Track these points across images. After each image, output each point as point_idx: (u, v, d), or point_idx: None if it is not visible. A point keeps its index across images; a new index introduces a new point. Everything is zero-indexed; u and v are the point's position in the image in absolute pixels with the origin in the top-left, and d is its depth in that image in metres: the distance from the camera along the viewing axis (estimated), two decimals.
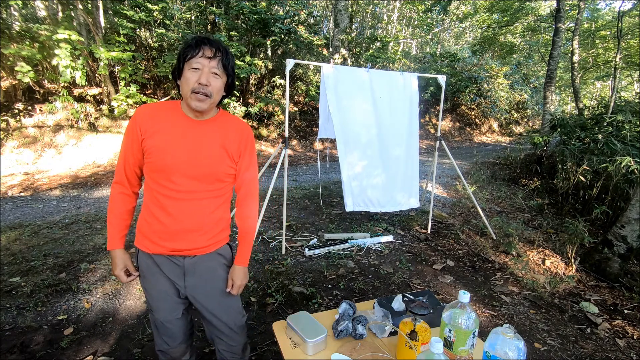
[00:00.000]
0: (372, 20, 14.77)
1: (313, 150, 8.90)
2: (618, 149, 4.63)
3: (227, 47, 1.16)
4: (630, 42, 11.13)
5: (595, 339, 2.27)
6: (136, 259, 1.28)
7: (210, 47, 1.10)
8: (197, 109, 1.13)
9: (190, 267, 1.24)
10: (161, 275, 1.24)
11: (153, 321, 1.31)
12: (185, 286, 1.26)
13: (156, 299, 1.27)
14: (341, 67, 3.17)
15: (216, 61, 1.11)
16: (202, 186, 1.19)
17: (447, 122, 13.21)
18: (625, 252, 2.96)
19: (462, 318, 1.05)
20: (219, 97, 1.17)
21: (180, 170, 1.15)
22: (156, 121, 1.16)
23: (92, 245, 3.33)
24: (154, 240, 1.20)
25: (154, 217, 1.19)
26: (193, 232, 1.20)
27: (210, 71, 1.11)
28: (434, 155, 3.91)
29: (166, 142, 1.14)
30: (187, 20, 9.72)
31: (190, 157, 1.15)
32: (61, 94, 6.55)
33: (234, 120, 1.26)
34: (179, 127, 1.16)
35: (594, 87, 19.92)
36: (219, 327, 1.33)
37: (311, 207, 4.68)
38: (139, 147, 1.17)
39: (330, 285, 2.75)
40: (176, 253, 1.22)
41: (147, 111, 1.18)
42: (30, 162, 6.08)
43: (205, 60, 1.10)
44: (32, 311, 2.31)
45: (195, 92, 1.10)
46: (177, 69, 1.14)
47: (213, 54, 1.10)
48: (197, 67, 1.10)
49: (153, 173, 1.17)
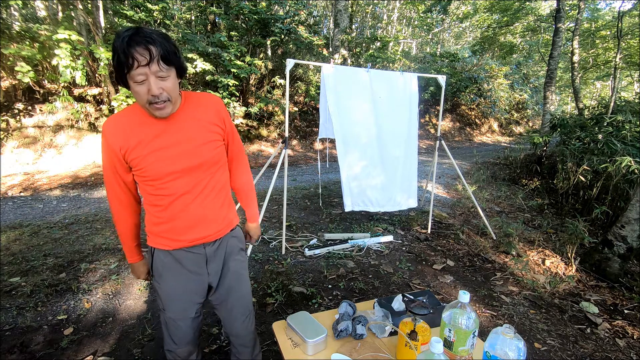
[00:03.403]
0: (372, 20, 14.77)
1: (313, 150, 8.89)
2: (618, 149, 4.63)
3: (157, 33, 0.99)
4: (630, 42, 11.13)
5: (595, 339, 2.27)
6: (150, 258, 1.26)
7: (141, 50, 0.94)
8: (163, 117, 1.08)
9: (212, 253, 1.25)
10: (180, 271, 1.22)
11: (164, 320, 1.28)
12: (208, 273, 1.26)
13: (170, 297, 1.24)
14: (341, 67, 3.17)
15: (156, 63, 0.97)
16: (202, 175, 1.17)
17: (447, 122, 13.21)
18: (625, 252, 2.96)
19: (462, 318, 1.05)
20: (176, 92, 1.08)
21: (177, 171, 1.12)
22: (129, 132, 1.09)
23: (92, 245, 3.33)
24: (170, 236, 1.19)
25: (162, 217, 1.17)
26: (205, 221, 1.20)
27: (156, 77, 0.99)
28: (434, 155, 3.91)
29: (151, 150, 1.09)
30: (187, 20, 9.72)
31: (183, 153, 1.12)
32: (61, 94, 6.55)
33: (202, 97, 1.21)
34: (156, 130, 1.10)
35: (594, 87, 19.92)
36: (233, 317, 1.35)
37: (311, 207, 4.68)
38: (123, 164, 1.12)
39: (330, 285, 2.75)
40: (195, 242, 1.21)
41: (114, 126, 1.10)
42: (30, 162, 6.08)
43: (145, 68, 0.96)
44: (32, 311, 2.31)
45: (152, 102, 1.02)
46: (121, 80, 1.01)
47: (149, 58, 0.96)
48: (140, 79, 0.98)
49: (149, 181, 1.13)
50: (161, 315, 1.30)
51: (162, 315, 1.29)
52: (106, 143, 1.10)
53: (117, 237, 3.53)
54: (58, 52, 5.83)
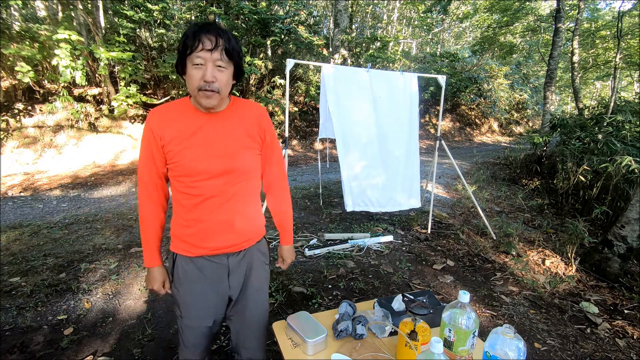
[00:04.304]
0: (372, 20, 14.77)
1: (313, 150, 8.89)
2: (618, 149, 4.63)
3: (228, 31, 1.06)
4: (630, 42, 11.14)
5: (595, 339, 2.27)
6: (171, 264, 1.22)
7: (210, 36, 1.00)
8: (207, 106, 1.08)
9: (235, 264, 1.21)
10: (201, 280, 1.19)
11: (181, 328, 1.24)
12: (230, 286, 1.22)
13: (188, 305, 1.20)
14: (341, 67, 3.17)
15: (219, 52, 1.01)
16: (234, 181, 1.15)
17: (447, 122, 13.21)
18: (625, 252, 2.96)
19: (462, 318, 1.05)
20: (228, 88, 1.10)
21: (210, 171, 1.11)
22: (172, 124, 1.10)
23: (92, 245, 3.33)
24: (194, 242, 1.16)
25: (189, 220, 1.15)
26: (232, 229, 1.17)
27: (214, 65, 1.02)
28: (434, 155, 3.91)
29: (189, 145, 1.09)
30: (187, 20, 9.71)
31: (219, 154, 1.11)
32: (61, 94, 6.55)
33: (247, 104, 1.22)
34: (197, 125, 1.11)
35: (594, 87, 19.93)
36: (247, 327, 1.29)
37: (311, 207, 4.68)
38: (161, 154, 1.11)
39: (330, 285, 2.75)
40: (219, 251, 1.18)
41: (160, 115, 1.11)
42: (30, 162, 6.08)
43: (207, 53, 1.00)
44: (32, 311, 2.31)
45: (202, 89, 1.03)
46: (180, 64, 1.06)
47: (214, 45, 1.00)
48: (199, 62, 1.01)
49: (182, 177, 1.11)
50: (179, 324, 1.26)
51: (179, 322, 1.26)
52: (149, 131, 1.10)
53: (117, 237, 3.53)
54: (58, 52, 5.84)
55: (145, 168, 1.15)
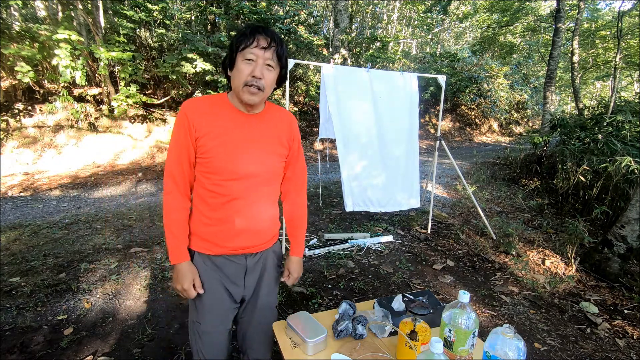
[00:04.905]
0: (372, 20, 14.77)
1: (313, 150, 8.90)
2: (618, 149, 4.63)
3: (281, 37, 1.10)
4: (630, 42, 11.14)
5: (595, 339, 2.27)
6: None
7: (265, 36, 1.04)
8: (249, 102, 1.08)
9: (252, 265, 1.22)
10: (219, 279, 1.18)
11: (196, 333, 1.20)
12: (245, 286, 1.22)
13: (206, 306, 1.18)
14: (341, 67, 3.17)
15: (271, 52, 1.05)
16: (260, 184, 1.15)
17: (447, 122, 13.22)
18: (625, 252, 2.96)
19: (462, 318, 1.05)
20: (270, 90, 1.11)
21: (239, 171, 1.10)
22: (208, 118, 1.09)
23: (92, 245, 3.33)
24: (215, 241, 1.15)
25: (213, 218, 1.14)
26: (254, 230, 1.17)
27: (264, 63, 1.05)
28: (434, 155, 3.91)
29: (221, 142, 1.09)
30: (187, 20, 9.72)
31: (249, 157, 1.11)
32: (61, 94, 6.55)
33: (280, 110, 1.24)
34: (234, 123, 1.11)
35: (594, 87, 19.94)
36: (255, 328, 1.29)
37: (311, 207, 4.68)
38: (194, 145, 1.10)
39: (330, 285, 2.75)
40: (239, 251, 1.18)
41: (196, 106, 1.10)
42: (30, 162, 6.08)
43: (260, 50, 1.03)
44: (32, 311, 2.31)
45: (248, 84, 1.04)
46: (230, 58, 1.08)
47: (268, 44, 1.04)
48: (250, 58, 1.04)
49: (210, 174, 1.10)
50: (193, 328, 1.21)
51: (194, 328, 1.21)
52: (185, 118, 1.08)
53: (117, 237, 3.53)
54: (58, 52, 5.83)
55: (175, 156, 1.11)
